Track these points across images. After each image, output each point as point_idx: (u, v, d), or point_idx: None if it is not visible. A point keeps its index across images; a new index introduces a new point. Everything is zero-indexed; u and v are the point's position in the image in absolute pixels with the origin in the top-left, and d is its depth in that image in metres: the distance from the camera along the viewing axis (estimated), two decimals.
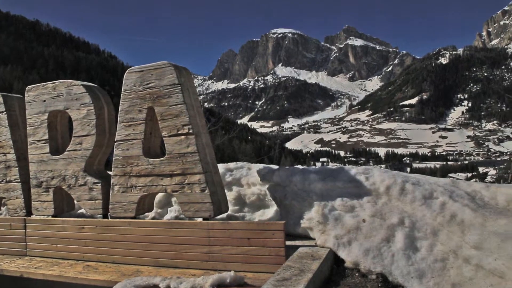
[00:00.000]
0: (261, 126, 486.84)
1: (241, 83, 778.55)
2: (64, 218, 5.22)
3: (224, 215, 4.87)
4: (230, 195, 5.26)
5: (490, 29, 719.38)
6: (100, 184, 4.89)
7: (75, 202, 5.39)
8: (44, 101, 5.24)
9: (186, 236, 4.33)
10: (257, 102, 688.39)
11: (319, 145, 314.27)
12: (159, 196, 5.51)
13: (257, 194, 5.27)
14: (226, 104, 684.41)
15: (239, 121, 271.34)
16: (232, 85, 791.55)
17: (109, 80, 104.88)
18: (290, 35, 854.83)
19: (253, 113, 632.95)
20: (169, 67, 4.40)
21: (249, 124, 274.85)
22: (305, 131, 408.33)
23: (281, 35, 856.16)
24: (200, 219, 4.38)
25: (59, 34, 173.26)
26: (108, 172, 5.11)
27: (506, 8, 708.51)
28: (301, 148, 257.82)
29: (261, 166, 5.46)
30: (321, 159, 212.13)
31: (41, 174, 5.29)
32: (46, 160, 5.23)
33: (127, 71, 4.73)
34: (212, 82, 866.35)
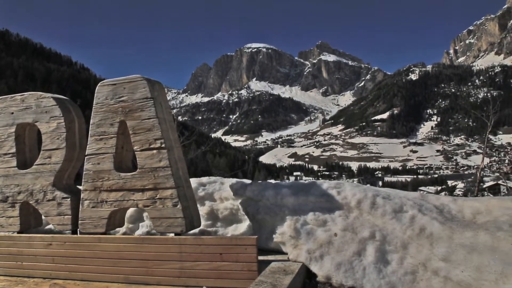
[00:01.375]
0: (235, 140, 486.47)
1: (215, 97, 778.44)
2: (30, 235, 5.02)
3: (196, 230, 4.83)
4: (202, 210, 5.23)
5: (457, 47, 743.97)
6: (69, 199, 4.74)
7: (43, 217, 5.18)
8: (12, 113, 5.08)
9: (158, 252, 4.24)
10: (231, 116, 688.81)
11: (293, 159, 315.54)
12: (130, 211, 5.44)
13: (230, 208, 5.24)
14: (200, 117, 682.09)
15: (213, 135, 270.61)
16: (206, 99, 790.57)
17: (81, 93, 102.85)
18: (264, 50, 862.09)
19: (227, 127, 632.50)
20: (142, 80, 4.38)
21: (223, 138, 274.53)
22: (279, 145, 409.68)
23: (255, 49, 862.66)
24: (172, 235, 4.33)
25: (29, 45, 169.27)
26: (78, 186, 4.98)
27: (471, 28, 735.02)
28: (275, 162, 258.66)
29: (234, 180, 5.44)
30: (295, 173, 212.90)
31: (7, 189, 5.09)
32: (12, 175, 5.04)
33: (99, 84, 4.67)
34: (186, 96, 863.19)
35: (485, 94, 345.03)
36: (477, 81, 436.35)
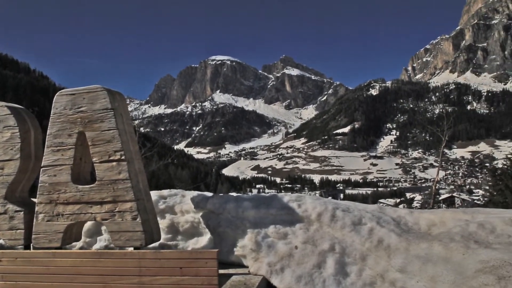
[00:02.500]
0: (198, 152, 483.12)
1: (178, 109, 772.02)
2: None
3: (156, 244, 4.73)
4: (163, 223, 5.14)
5: (415, 65, 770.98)
6: (22, 213, 4.53)
7: None
8: None
9: (116, 267, 4.12)
10: (194, 128, 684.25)
11: (256, 172, 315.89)
12: (88, 224, 5.28)
13: (191, 222, 5.18)
14: (162, 129, 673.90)
15: (176, 147, 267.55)
16: (169, 110, 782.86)
17: (39, 101, 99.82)
18: (228, 62, 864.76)
19: (190, 139, 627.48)
20: (102, 91, 4.28)
21: (185, 150, 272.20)
22: (242, 158, 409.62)
23: (219, 62, 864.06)
24: (131, 249, 4.24)
25: None
26: (33, 199, 4.79)
27: (427, 46, 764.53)
28: (237, 175, 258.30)
29: (195, 193, 5.38)
30: (257, 186, 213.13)
31: None
32: None
33: (57, 94, 4.54)
34: (149, 107, 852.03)
35: (441, 110, 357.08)
36: (433, 97, 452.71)
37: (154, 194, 5.26)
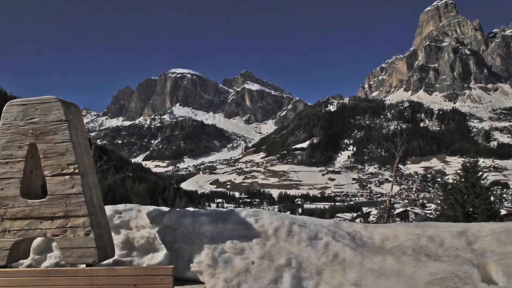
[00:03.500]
0: (156, 166, 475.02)
1: (137, 121, 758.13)
2: None
3: (110, 260, 4.60)
4: (117, 239, 5.00)
5: (371, 82, 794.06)
6: None
7: None
8: None
9: (66, 285, 3.94)
10: (152, 141, 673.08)
11: (215, 186, 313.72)
12: (37, 241, 5.00)
13: (147, 237, 5.05)
14: (120, 142, 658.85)
15: (133, 160, 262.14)
16: (127, 123, 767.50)
17: None
18: (189, 75, 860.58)
19: (148, 152, 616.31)
20: (56, 102, 4.14)
21: (143, 163, 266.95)
22: (201, 172, 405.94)
23: (180, 75, 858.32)
24: (83, 266, 4.06)
25: None
26: None
27: (383, 65, 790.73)
28: (196, 189, 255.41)
29: (151, 208, 5.25)
30: (216, 200, 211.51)
31: None
32: None
33: (7, 104, 4.34)
34: (106, 119, 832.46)
35: (395, 127, 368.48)
36: (388, 114, 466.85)
37: (109, 209, 5.12)
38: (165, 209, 5.19)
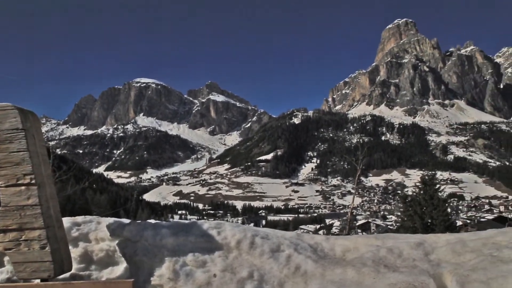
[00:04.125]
0: (118, 177, 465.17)
1: (99, 131, 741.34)
2: None
3: (67, 275, 4.40)
4: (75, 252, 4.80)
5: (335, 96, 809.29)
6: None
7: None
8: None
9: None
10: (115, 151, 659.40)
11: (178, 197, 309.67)
12: None
13: (106, 250, 4.88)
14: (81, 151, 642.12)
15: (95, 170, 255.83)
16: (89, 132, 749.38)
17: None
18: (153, 85, 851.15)
19: (110, 163, 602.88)
20: (12, 109, 3.87)
21: (105, 173, 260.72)
22: (164, 183, 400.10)
23: (144, 84, 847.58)
24: (37, 281, 3.83)
25: None
26: None
27: (346, 80, 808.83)
28: (159, 200, 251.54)
29: (111, 220, 5.09)
30: (179, 212, 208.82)
31: None
32: None
33: None
34: (67, 127, 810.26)
35: (358, 140, 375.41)
36: (351, 127, 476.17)
37: (67, 221, 4.95)
38: (126, 221, 5.07)
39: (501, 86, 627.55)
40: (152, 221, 5.23)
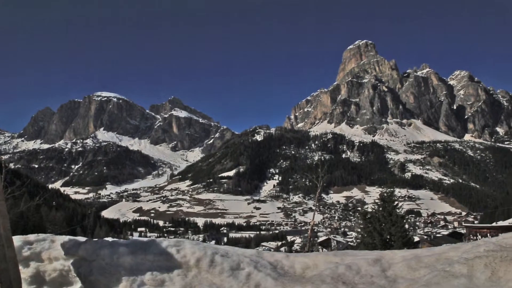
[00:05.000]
0: (76, 192, 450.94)
1: (56, 145, 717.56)
2: None
3: None
4: (26, 272, 4.55)
5: (297, 114, 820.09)
6: None
7: None
8: None
9: None
10: (73, 166, 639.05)
11: (138, 214, 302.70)
12: None
13: (60, 270, 4.69)
14: (36, 166, 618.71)
15: (51, 186, 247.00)
16: (46, 146, 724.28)
17: None
18: (115, 99, 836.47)
19: (67, 178, 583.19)
20: None
21: (62, 189, 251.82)
22: (124, 199, 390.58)
23: (105, 98, 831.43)
24: None
25: None
26: None
27: (309, 98, 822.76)
28: (118, 217, 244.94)
29: (66, 238, 4.87)
30: (139, 229, 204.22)
31: None
32: None
33: None
34: (22, 141, 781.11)
35: (319, 157, 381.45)
36: (313, 145, 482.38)
37: (18, 239, 4.73)
38: (82, 239, 4.91)
39: (454, 107, 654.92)
40: (110, 239, 5.09)
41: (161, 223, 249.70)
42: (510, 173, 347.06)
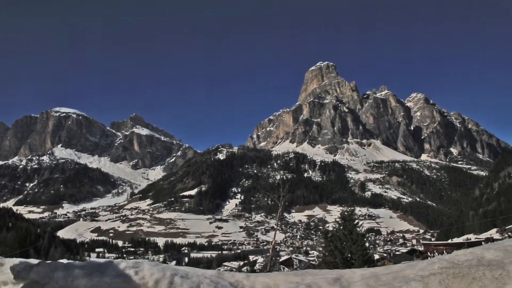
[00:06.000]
0: (30, 212, 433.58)
1: (10, 161, 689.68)
2: None
3: None
4: None
5: (259, 133, 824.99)
6: None
7: None
8: None
9: None
10: (27, 184, 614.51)
11: (96, 234, 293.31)
12: None
13: None
14: None
15: (2, 205, 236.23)
16: None
17: None
18: (74, 115, 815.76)
19: (21, 196, 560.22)
20: None
21: (14, 208, 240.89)
22: (81, 219, 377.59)
23: (64, 114, 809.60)
24: None
25: None
26: None
27: (271, 117, 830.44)
28: (75, 237, 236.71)
29: (16, 261, 4.60)
30: (97, 250, 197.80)
31: None
32: None
33: None
34: None
35: (281, 176, 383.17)
36: (275, 164, 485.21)
37: None
38: (34, 261, 4.67)
39: (412, 128, 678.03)
40: (64, 260, 4.89)
41: (120, 243, 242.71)
42: (463, 192, 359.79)
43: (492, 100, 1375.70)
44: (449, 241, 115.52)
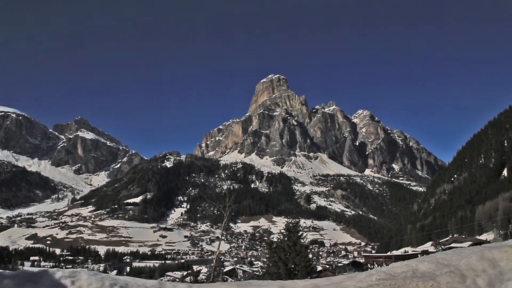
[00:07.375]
0: None
1: None
2: None
3: None
4: None
5: (208, 142, 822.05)
6: None
7: None
8: None
9: None
10: None
11: (32, 241, 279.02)
12: None
13: None
14: None
15: None
16: None
17: None
18: (14, 115, 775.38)
19: None
20: None
21: None
22: (16, 225, 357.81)
23: (2, 113, 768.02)
24: None
25: None
26: None
27: (220, 127, 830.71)
28: (7, 245, 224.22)
29: None
30: (32, 258, 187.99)
31: None
32: None
33: None
34: None
35: (228, 186, 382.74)
36: (223, 174, 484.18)
37: None
38: None
39: (357, 143, 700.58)
40: None
41: (58, 251, 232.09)
42: (403, 206, 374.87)
43: (432, 120, 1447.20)
44: (389, 253, 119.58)
